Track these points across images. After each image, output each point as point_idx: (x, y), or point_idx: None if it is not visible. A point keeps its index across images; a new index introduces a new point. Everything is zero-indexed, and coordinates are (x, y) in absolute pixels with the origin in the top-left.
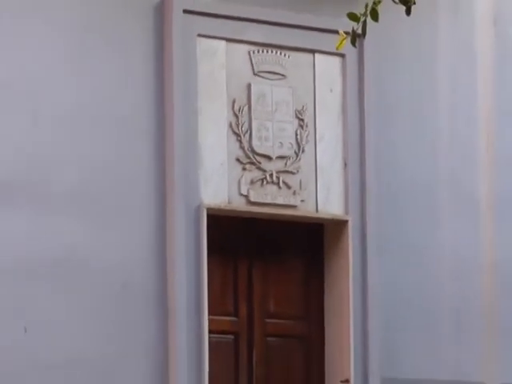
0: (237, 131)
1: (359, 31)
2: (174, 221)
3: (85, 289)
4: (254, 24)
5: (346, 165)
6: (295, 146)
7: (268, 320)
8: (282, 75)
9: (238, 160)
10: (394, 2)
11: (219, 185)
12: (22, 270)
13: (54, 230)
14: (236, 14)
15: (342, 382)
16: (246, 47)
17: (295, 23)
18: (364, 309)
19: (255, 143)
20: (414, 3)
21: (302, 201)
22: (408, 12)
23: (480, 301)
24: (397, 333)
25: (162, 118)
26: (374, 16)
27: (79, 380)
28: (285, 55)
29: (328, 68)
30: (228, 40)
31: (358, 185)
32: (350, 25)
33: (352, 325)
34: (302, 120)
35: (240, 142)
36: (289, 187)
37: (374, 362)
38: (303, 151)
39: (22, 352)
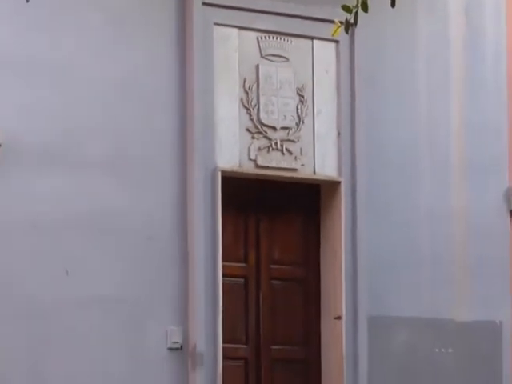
0: (247, 106)
1: (352, 21)
2: (193, 181)
3: (117, 239)
4: (262, 14)
5: (339, 134)
6: (296, 119)
7: (273, 266)
8: (286, 58)
9: (247, 130)
10: None
11: (232, 151)
12: (65, 224)
13: (90, 189)
14: (246, 6)
15: (335, 318)
16: (254, 34)
17: (296, 13)
18: (354, 256)
19: (262, 116)
20: None
21: (302, 165)
22: (393, 4)
23: (451, 245)
24: (382, 277)
25: (183, 94)
26: (364, 8)
27: (111, 314)
28: (288, 41)
29: (324, 52)
30: (240, 28)
31: (350, 151)
32: (344, 15)
33: (343, 270)
34: (303, 96)
35: (249, 114)
36: (291, 153)
37: (362, 302)
38: (303, 123)
39: (64, 290)
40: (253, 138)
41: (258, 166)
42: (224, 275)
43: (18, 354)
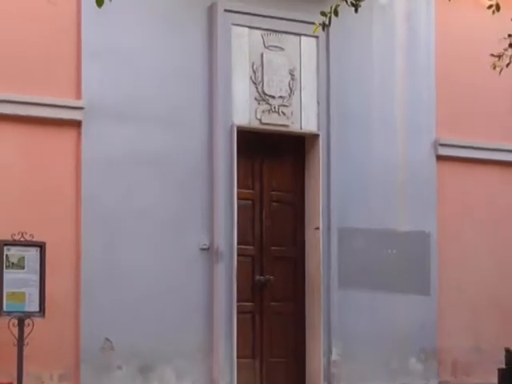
0: (255, 81)
1: (327, 23)
2: (218, 133)
3: (166, 171)
4: (265, 18)
5: (318, 103)
6: (288, 91)
7: (272, 192)
8: (282, 48)
9: (255, 99)
10: (348, 5)
11: (244, 113)
12: (131, 161)
13: (150, 136)
14: (254, 12)
15: (315, 228)
16: (260, 32)
17: (289, 17)
18: (328, 186)
19: (265, 88)
20: (360, 6)
21: (292, 123)
22: (356, 11)
23: (396, 179)
24: (347, 200)
25: (211, 74)
26: (336, 13)
27: (161, 225)
28: (283, 36)
29: (308, 44)
30: (250, 27)
31: (325, 114)
32: (322, 19)
33: (321, 195)
34: (293, 75)
35: (256, 88)
36: (284, 114)
37: (333, 217)
38: (293, 94)
39: (129, 205)
40: (258, 103)
41: (262, 123)
42: (238, 198)
43: (102, 249)
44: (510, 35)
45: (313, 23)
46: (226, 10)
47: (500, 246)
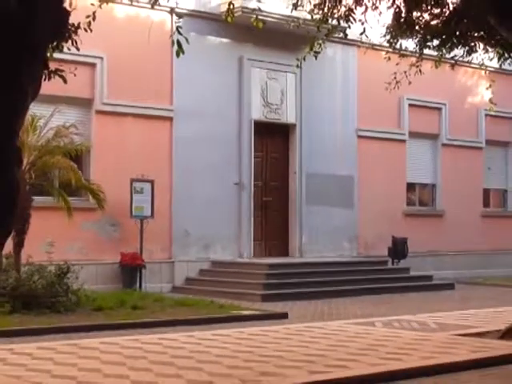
0: (263, 96)
1: (300, 65)
2: (244, 124)
3: (217, 144)
4: (268, 63)
5: (295, 107)
6: (280, 101)
7: (272, 154)
8: (276, 79)
9: (263, 105)
10: (311, 55)
11: (257, 112)
12: (198, 140)
13: (208, 126)
14: (262, 60)
15: (294, 172)
16: (265, 70)
17: (280, 62)
18: (301, 151)
19: (268, 99)
20: (318, 55)
21: (282, 118)
22: (315, 58)
23: (336, 148)
24: (312, 158)
25: (240, 91)
26: (304, 59)
27: (213, 169)
28: (277, 73)
29: (291, 77)
30: (260, 68)
31: (300, 113)
32: (297, 62)
33: (297, 155)
34: (283, 93)
35: (263, 99)
36: (278, 113)
37: (304, 166)
38: (283, 103)
39: (196, 162)
40: (264, 107)
41: (266, 118)
42: (254, 157)
43: (183, 184)
44: (395, 73)
45: (292, 65)
46: (248, 59)
47: (379, 182)
